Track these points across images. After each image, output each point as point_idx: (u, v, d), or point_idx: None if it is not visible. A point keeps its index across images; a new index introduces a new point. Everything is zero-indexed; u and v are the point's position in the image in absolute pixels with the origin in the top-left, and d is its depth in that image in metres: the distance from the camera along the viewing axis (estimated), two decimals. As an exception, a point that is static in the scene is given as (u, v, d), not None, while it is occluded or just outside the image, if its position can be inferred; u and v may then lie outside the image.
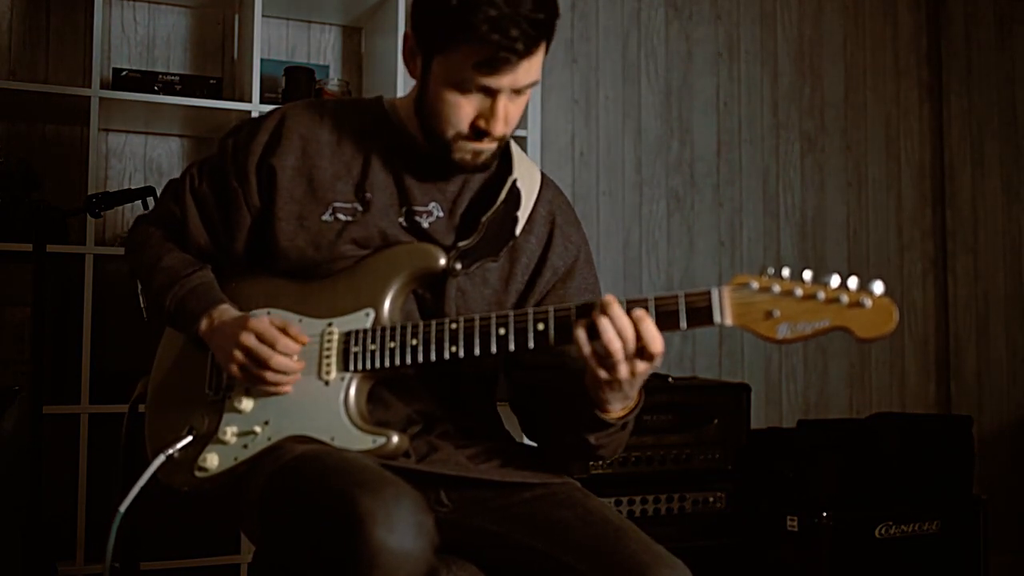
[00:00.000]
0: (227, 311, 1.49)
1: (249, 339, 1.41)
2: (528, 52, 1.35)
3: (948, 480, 3.06)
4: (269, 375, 1.42)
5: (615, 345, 1.26)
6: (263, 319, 1.44)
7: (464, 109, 1.40)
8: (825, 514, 2.77)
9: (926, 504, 2.94)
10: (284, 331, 1.43)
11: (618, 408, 1.37)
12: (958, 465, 3.09)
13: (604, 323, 1.26)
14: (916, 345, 3.96)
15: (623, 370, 1.28)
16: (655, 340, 1.26)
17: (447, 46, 1.36)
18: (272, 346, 1.41)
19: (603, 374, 1.29)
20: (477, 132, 1.41)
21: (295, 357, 1.43)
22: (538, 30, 1.34)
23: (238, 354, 1.42)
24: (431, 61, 1.40)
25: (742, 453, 2.89)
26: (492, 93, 1.38)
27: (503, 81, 1.36)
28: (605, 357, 1.27)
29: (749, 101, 3.74)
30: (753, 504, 2.90)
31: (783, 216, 3.77)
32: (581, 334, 1.28)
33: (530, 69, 1.37)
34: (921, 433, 3.09)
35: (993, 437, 3.68)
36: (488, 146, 1.44)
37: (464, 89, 1.38)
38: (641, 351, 1.27)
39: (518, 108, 1.43)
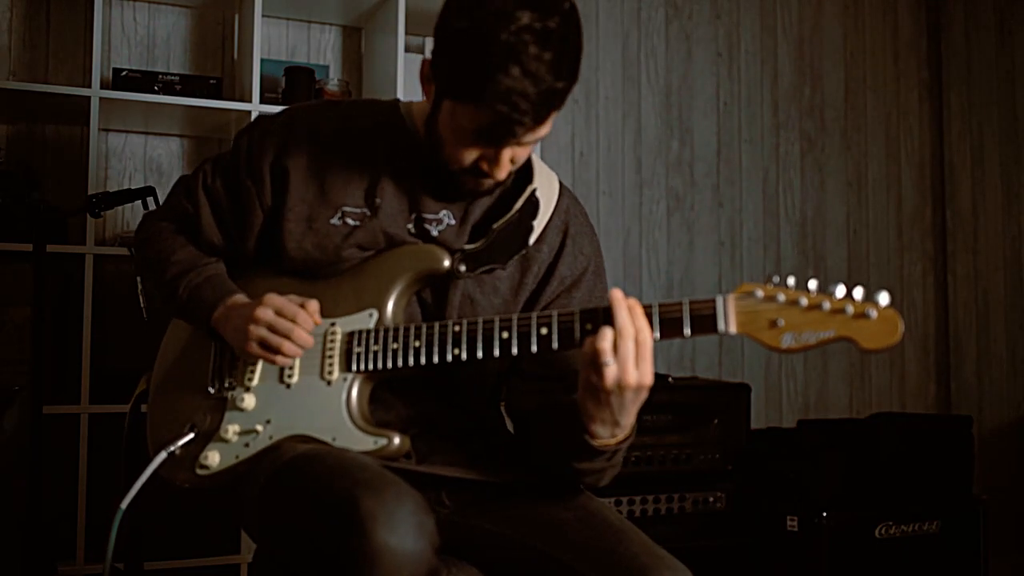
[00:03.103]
0: (242, 299, 1.49)
1: (267, 313, 1.41)
2: (536, 124, 1.30)
3: (948, 480, 3.06)
4: (288, 347, 1.40)
5: (605, 343, 1.25)
6: (278, 295, 1.43)
7: (468, 153, 1.37)
8: (825, 514, 2.77)
9: (926, 504, 2.94)
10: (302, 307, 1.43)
11: (606, 435, 1.34)
12: (958, 465, 3.10)
13: (604, 327, 1.26)
14: (916, 345, 3.96)
15: (612, 370, 1.25)
16: (643, 328, 1.26)
17: (458, 98, 1.31)
18: (293, 319, 1.41)
19: (594, 378, 1.27)
20: (480, 172, 1.39)
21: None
22: (550, 101, 1.28)
23: (256, 329, 1.40)
24: (442, 100, 1.36)
25: (742, 453, 2.88)
26: (496, 147, 1.36)
27: (505, 144, 1.34)
28: (596, 356, 1.26)
29: (749, 101, 3.74)
30: (753, 504, 2.90)
31: (783, 216, 3.77)
32: (588, 341, 1.27)
33: (537, 132, 1.33)
34: (921, 433, 3.09)
35: (993, 437, 3.68)
36: (492, 181, 1.42)
37: (468, 141, 1.35)
38: (635, 347, 1.26)
39: (526, 151, 1.39)
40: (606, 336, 1.25)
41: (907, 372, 3.94)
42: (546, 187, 1.55)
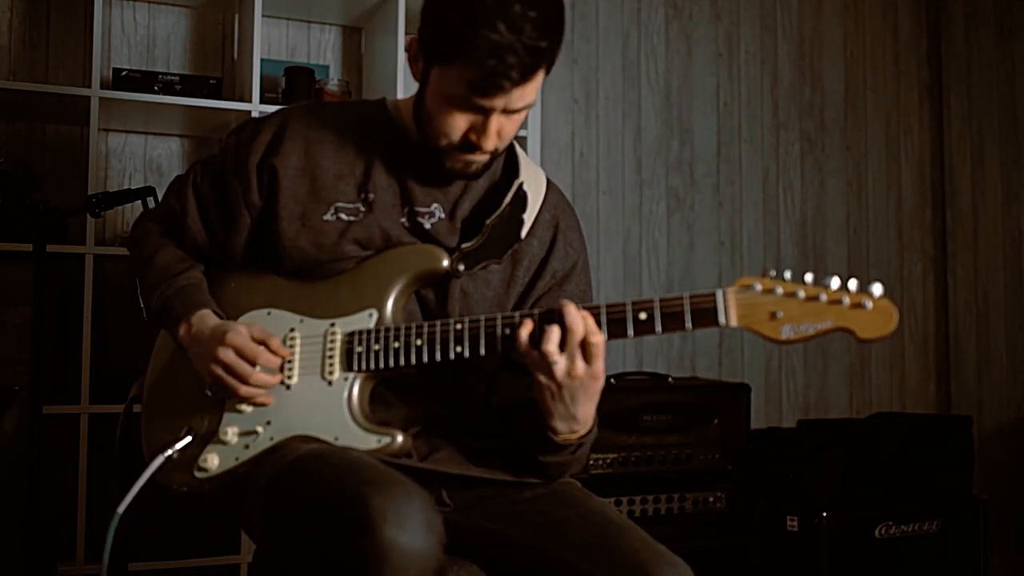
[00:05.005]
0: (205, 318, 1.48)
1: (227, 355, 1.41)
2: (523, 80, 1.35)
3: (948, 480, 3.06)
4: (244, 390, 1.42)
5: (551, 346, 1.30)
6: (241, 331, 1.43)
7: (457, 122, 1.40)
8: (825, 514, 2.77)
9: (926, 504, 2.94)
10: (265, 343, 1.43)
11: (565, 430, 1.39)
12: (958, 465, 3.10)
13: (551, 327, 1.31)
14: (916, 345, 3.96)
15: (560, 366, 1.31)
16: (595, 331, 1.31)
17: (445, 61, 1.36)
18: (252, 361, 1.42)
19: (542, 377, 1.33)
20: (468, 145, 1.42)
21: (276, 368, 1.44)
22: (536, 58, 1.33)
23: (216, 369, 1.42)
24: (430, 71, 1.40)
25: (742, 453, 2.89)
26: (485, 111, 1.38)
27: (496, 103, 1.37)
28: (542, 356, 1.31)
29: (749, 101, 3.74)
30: (753, 504, 2.90)
31: (783, 216, 3.77)
32: (523, 334, 1.33)
33: (524, 93, 1.37)
34: (921, 433, 3.09)
35: (993, 437, 3.68)
36: (480, 158, 1.45)
37: (457, 104, 1.38)
38: (583, 345, 1.31)
39: (513, 124, 1.43)
40: (552, 339, 1.30)
41: (907, 372, 3.94)
42: (533, 181, 1.57)
